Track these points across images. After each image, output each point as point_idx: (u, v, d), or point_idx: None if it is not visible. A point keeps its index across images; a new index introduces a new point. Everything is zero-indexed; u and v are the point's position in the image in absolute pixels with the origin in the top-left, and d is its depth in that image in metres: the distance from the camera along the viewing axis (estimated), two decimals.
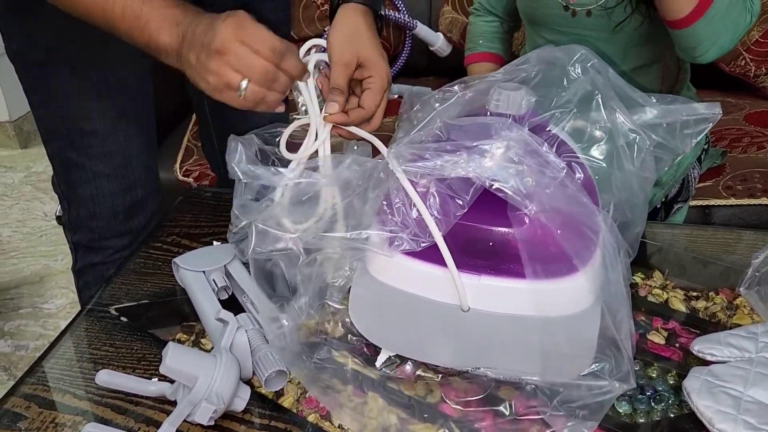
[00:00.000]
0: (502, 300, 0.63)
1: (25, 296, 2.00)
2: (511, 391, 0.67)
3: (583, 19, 1.11)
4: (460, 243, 0.63)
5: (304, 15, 1.89)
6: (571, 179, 0.64)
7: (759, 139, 1.59)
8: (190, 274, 0.80)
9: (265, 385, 0.67)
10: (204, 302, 0.77)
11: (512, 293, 0.63)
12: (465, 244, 0.63)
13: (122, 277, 0.87)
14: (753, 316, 0.78)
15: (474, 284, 0.63)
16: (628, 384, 0.63)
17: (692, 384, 0.66)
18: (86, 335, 0.77)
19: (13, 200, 2.51)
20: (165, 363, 0.62)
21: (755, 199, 1.41)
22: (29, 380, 0.71)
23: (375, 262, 0.67)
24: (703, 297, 0.81)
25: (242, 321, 0.71)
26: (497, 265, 0.63)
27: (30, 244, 2.24)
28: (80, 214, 1.07)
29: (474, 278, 0.63)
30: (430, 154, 0.64)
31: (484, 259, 0.63)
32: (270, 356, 0.68)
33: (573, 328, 0.64)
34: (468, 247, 0.63)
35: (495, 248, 0.63)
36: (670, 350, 0.74)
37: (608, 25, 1.09)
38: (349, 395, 0.68)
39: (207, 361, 0.64)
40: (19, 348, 1.80)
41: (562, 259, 0.62)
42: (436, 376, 0.69)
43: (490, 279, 0.63)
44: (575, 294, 0.64)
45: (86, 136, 0.99)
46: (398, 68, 1.95)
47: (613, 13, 1.08)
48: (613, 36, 1.10)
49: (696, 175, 1.28)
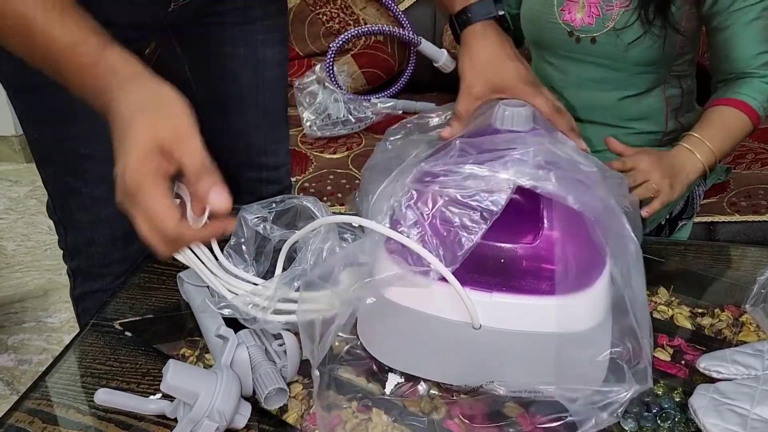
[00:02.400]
0: (514, 317, 0.63)
1: (29, 310, 2.00)
2: (517, 408, 0.67)
3: (587, 45, 1.12)
4: (472, 260, 0.62)
5: (309, 31, 1.90)
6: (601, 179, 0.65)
7: (763, 155, 1.59)
8: (194, 288, 0.81)
9: (265, 403, 0.67)
10: (207, 317, 0.77)
11: (525, 310, 0.63)
12: (477, 262, 0.63)
13: (127, 291, 0.87)
14: (759, 333, 0.78)
15: (485, 301, 0.63)
16: (645, 383, 0.62)
17: (699, 401, 0.65)
18: (90, 350, 0.77)
19: (18, 214, 2.52)
20: (166, 381, 0.62)
21: (760, 215, 1.40)
22: (33, 395, 0.71)
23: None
24: (708, 314, 0.81)
25: (243, 337, 0.71)
26: (509, 282, 0.63)
27: (34, 258, 2.25)
28: (78, 240, 1.04)
29: (485, 295, 0.63)
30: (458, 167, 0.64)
31: (495, 276, 0.63)
32: (271, 373, 0.67)
33: (587, 342, 0.64)
34: (480, 265, 0.63)
35: (507, 265, 0.63)
36: (675, 367, 0.73)
37: (614, 51, 1.10)
38: (353, 411, 0.68)
39: (208, 378, 0.64)
40: (23, 362, 1.80)
41: (576, 275, 0.62)
42: (442, 393, 0.69)
43: (503, 296, 0.63)
44: (589, 309, 0.64)
45: (83, 160, 0.96)
46: (402, 84, 1.96)
47: (625, 34, 1.08)
48: (617, 62, 1.11)
49: (701, 193, 1.28)
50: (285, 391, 0.68)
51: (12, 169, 2.87)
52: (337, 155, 1.70)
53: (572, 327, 0.63)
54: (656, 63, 1.11)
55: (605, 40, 1.09)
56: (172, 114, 0.52)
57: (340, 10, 1.91)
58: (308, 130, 1.74)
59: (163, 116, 0.52)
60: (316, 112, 1.75)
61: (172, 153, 0.51)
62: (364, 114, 1.78)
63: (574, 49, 1.13)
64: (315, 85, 1.81)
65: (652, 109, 1.17)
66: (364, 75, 1.93)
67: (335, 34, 1.89)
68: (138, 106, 0.52)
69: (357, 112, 1.77)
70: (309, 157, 1.68)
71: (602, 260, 0.65)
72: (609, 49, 1.10)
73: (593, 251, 0.65)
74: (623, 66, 1.12)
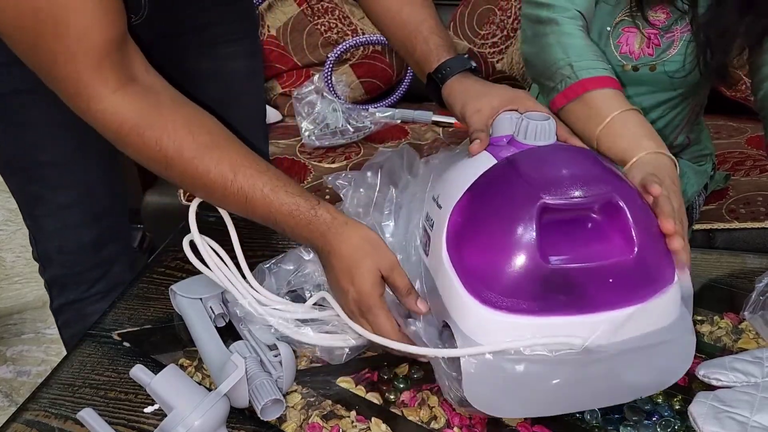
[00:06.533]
0: (620, 330, 0.61)
1: (28, 321, 1.99)
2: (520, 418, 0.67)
3: (645, 73, 1.05)
4: (575, 284, 0.60)
5: (308, 42, 1.91)
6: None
7: (761, 162, 1.59)
8: (186, 301, 0.80)
9: (261, 414, 0.66)
10: (200, 330, 0.76)
11: (629, 321, 0.61)
12: (580, 285, 0.60)
13: (125, 302, 0.87)
14: (758, 341, 0.77)
15: (593, 322, 0.60)
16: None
17: (698, 409, 0.65)
18: (89, 360, 0.77)
19: (17, 225, 2.52)
20: (150, 384, 0.62)
21: (758, 222, 1.41)
22: (31, 407, 0.71)
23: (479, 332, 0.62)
24: (707, 321, 0.81)
25: (239, 348, 0.71)
26: (612, 298, 0.61)
27: (33, 269, 2.23)
28: (48, 248, 1.05)
29: (593, 317, 0.60)
30: None
31: (599, 294, 0.61)
32: (266, 385, 0.67)
33: (674, 333, 0.63)
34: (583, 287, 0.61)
35: (610, 282, 0.61)
36: None
37: (664, 77, 1.05)
38: (352, 421, 0.67)
39: (193, 395, 0.63)
40: (21, 374, 1.79)
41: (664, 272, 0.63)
42: (441, 403, 0.69)
43: (608, 314, 0.61)
44: (675, 298, 0.64)
45: (44, 167, 0.96)
46: (401, 94, 1.97)
47: (676, 72, 1.04)
48: (659, 84, 1.07)
49: (701, 202, 1.28)
50: (281, 403, 0.67)
51: None
52: (336, 165, 1.70)
53: (662, 322, 0.63)
54: (697, 85, 1.08)
55: (664, 68, 1.05)
56: (384, 250, 0.70)
57: (338, 21, 1.92)
58: (307, 140, 1.74)
59: (380, 253, 0.69)
60: (315, 121, 1.75)
61: (388, 278, 0.69)
62: (362, 123, 1.78)
63: (628, 79, 1.06)
64: (313, 95, 1.81)
65: (668, 124, 1.14)
66: (362, 85, 1.94)
67: (333, 44, 1.90)
68: (358, 248, 0.69)
69: (355, 121, 1.77)
70: (307, 167, 1.68)
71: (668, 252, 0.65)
72: (661, 77, 1.06)
73: (663, 245, 0.64)
74: (664, 88, 1.08)
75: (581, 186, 0.61)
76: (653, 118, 1.11)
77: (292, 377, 0.71)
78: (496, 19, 1.88)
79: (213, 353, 0.73)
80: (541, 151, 0.67)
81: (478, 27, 1.90)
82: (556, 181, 0.61)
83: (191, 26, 0.98)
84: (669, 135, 1.15)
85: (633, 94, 1.08)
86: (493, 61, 1.90)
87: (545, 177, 0.62)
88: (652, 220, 0.64)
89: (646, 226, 0.62)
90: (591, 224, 0.62)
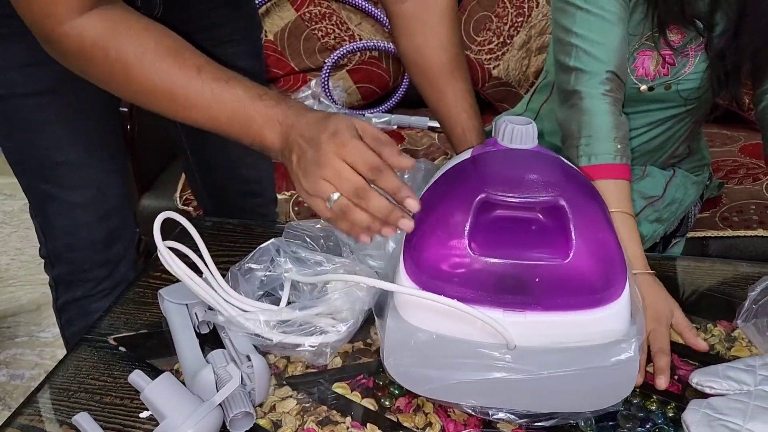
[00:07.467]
0: (548, 335, 0.63)
1: (22, 324, 1.98)
2: (511, 424, 0.67)
3: (660, 92, 1.05)
4: (504, 280, 0.62)
5: (305, 47, 1.91)
6: None
7: (754, 170, 1.60)
8: (172, 306, 0.80)
9: (230, 426, 0.65)
10: (180, 336, 0.75)
11: (558, 327, 0.62)
12: (511, 282, 0.62)
13: (121, 306, 0.87)
14: (751, 349, 0.78)
15: (520, 321, 0.62)
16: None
17: (691, 417, 0.66)
18: (84, 365, 0.77)
19: (12, 228, 2.51)
20: (143, 393, 0.62)
21: (751, 230, 1.41)
22: (25, 411, 0.71)
23: (409, 310, 0.66)
24: (701, 329, 0.81)
25: (216, 357, 0.69)
26: (541, 300, 0.62)
27: (28, 272, 2.24)
28: (57, 246, 1.05)
29: (519, 315, 0.63)
30: None
31: (528, 295, 0.62)
32: (239, 396, 0.66)
33: (616, 353, 0.64)
34: (512, 284, 0.62)
35: (539, 283, 0.62)
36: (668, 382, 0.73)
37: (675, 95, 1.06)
38: (347, 427, 0.68)
39: (186, 404, 0.63)
40: (15, 377, 1.79)
41: (605, 286, 0.63)
42: (436, 409, 0.69)
43: (536, 315, 0.63)
44: (618, 318, 0.64)
45: (59, 167, 0.98)
46: (397, 100, 1.98)
47: (691, 92, 1.05)
48: (671, 101, 1.07)
49: (696, 212, 1.28)
50: (251, 416, 0.66)
51: (6, 182, 2.86)
52: None
53: (604, 338, 0.64)
54: (707, 101, 1.09)
55: (678, 87, 1.05)
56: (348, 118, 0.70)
57: (335, 26, 1.92)
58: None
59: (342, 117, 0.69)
60: None
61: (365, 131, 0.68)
62: None
63: (641, 98, 1.07)
64: (311, 100, 1.81)
65: (672, 136, 1.15)
66: (359, 90, 1.94)
67: (331, 49, 1.91)
68: (323, 116, 0.69)
69: None
70: None
71: (624, 269, 0.65)
72: (673, 95, 1.06)
73: (618, 261, 0.65)
74: (676, 104, 1.08)
75: (530, 187, 0.62)
76: (659, 132, 1.12)
77: (265, 390, 0.70)
78: (492, 26, 1.89)
79: (189, 360, 0.72)
80: (510, 152, 0.68)
81: (474, 34, 1.90)
82: (506, 179, 0.64)
83: (200, 26, 1.00)
84: (672, 146, 1.16)
85: (644, 110, 1.09)
86: (490, 68, 1.91)
87: (497, 175, 0.66)
88: (602, 233, 0.65)
89: (591, 237, 0.63)
90: (535, 226, 0.64)
